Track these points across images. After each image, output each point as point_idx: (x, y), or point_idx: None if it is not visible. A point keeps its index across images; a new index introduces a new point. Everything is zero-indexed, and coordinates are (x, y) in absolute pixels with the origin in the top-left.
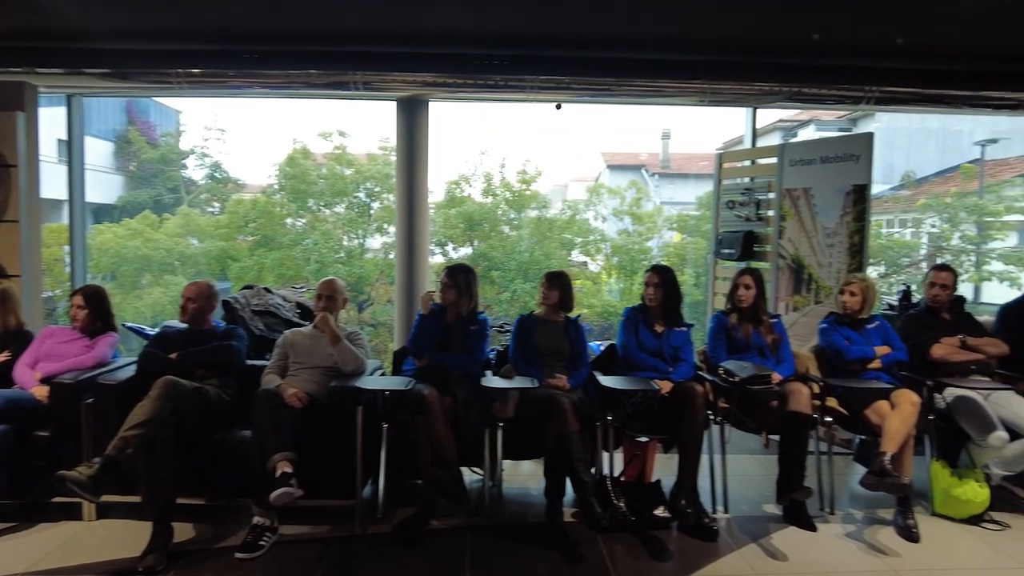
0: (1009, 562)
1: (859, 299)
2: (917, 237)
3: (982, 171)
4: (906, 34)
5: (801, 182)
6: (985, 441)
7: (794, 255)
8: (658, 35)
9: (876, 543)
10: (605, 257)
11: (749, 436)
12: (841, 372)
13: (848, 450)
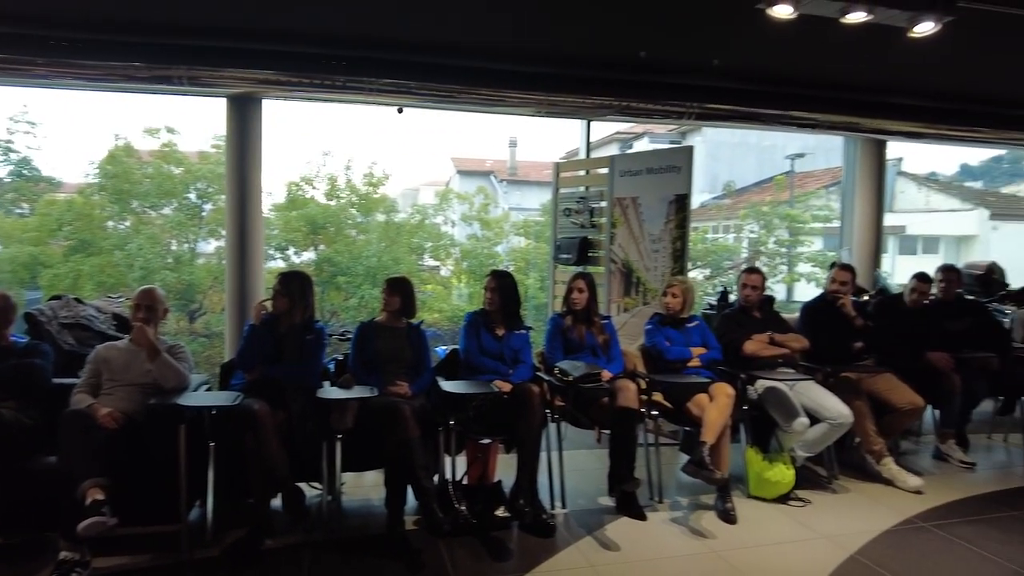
0: (810, 533)
1: (680, 300)
2: (739, 242)
3: (792, 182)
4: (722, 56)
5: (630, 191)
6: (790, 427)
7: (624, 260)
8: (499, 46)
9: (699, 527)
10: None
11: (585, 432)
12: (665, 368)
13: (675, 441)
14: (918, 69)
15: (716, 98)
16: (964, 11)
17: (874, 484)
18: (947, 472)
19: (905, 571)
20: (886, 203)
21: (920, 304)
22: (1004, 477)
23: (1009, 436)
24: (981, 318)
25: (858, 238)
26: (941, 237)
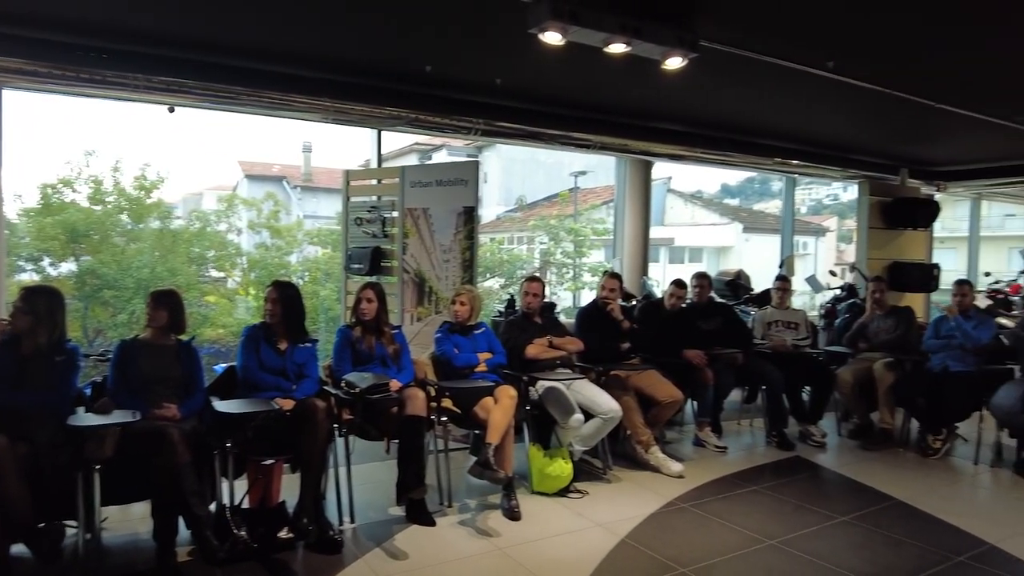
0: (586, 523)
1: (468, 308)
2: (531, 252)
3: (576, 197)
4: (504, 76)
5: (421, 202)
6: (567, 423)
7: (417, 270)
8: (287, 49)
9: (486, 527)
10: (243, 272)
11: (376, 444)
12: (454, 375)
13: (467, 445)
14: (678, 99)
15: (502, 116)
16: (707, 51)
17: (643, 472)
18: (705, 456)
19: (666, 548)
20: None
21: (678, 307)
22: (750, 457)
23: (754, 421)
24: (729, 318)
25: (628, 249)
26: (704, 248)
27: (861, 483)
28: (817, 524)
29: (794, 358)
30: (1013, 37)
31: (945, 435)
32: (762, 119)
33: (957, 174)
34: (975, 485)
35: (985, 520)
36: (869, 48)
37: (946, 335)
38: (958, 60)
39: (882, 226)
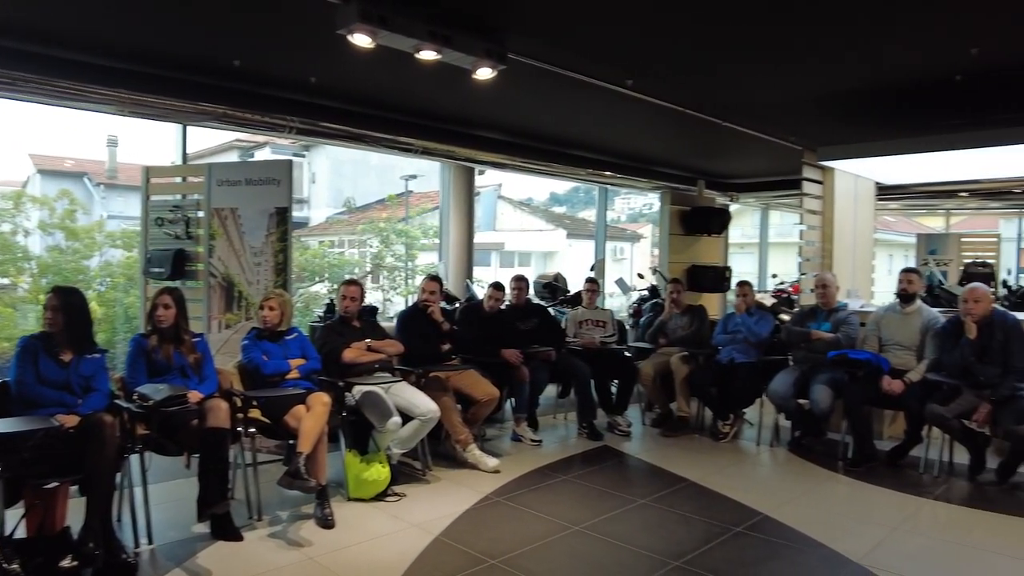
0: (402, 524)
1: (277, 313)
2: (362, 256)
3: (407, 201)
4: (319, 75)
5: (229, 202)
6: (384, 427)
7: (225, 273)
8: (81, 35)
9: (298, 538)
10: (33, 278)
11: (175, 460)
12: (264, 383)
13: (280, 456)
14: (498, 108)
15: (324, 116)
16: (516, 63)
17: (462, 470)
18: (521, 451)
19: (478, 542)
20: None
21: (496, 309)
22: (562, 449)
23: (568, 415)
24: (544, 319)
25: (453, 253)
26: (533, 252)
27: (660, 467)
28: (619, 508)
29: (602, 354)
30: (787, 66)
31: (733, 420)
32: (575, 132)
33: (748, 186)
34: (756, 463)
35: (762, 493)
36: (664, 70)
37: (733, 330)
38: (742, 85)
39: (682, 232)
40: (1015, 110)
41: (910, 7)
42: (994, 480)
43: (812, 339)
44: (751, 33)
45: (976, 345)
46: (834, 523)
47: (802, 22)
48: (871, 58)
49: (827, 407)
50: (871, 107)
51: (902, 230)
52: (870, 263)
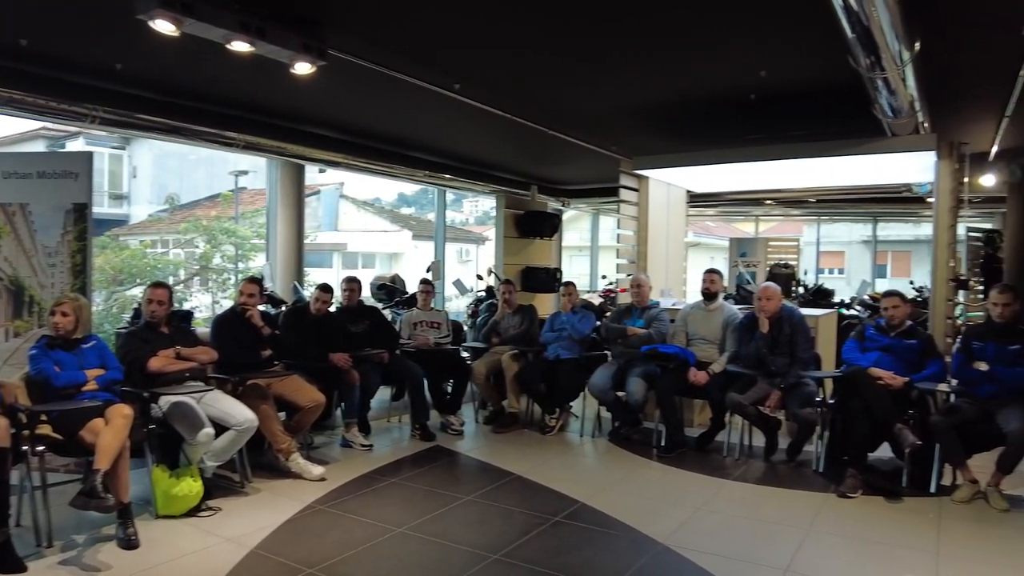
0: (215, 539)
1: (71, 319)
2: (190, 257)
3: (237, 199)
4: (126, 63)
5: (17, 197)
6: (195, 439)
7: (13, 276)
8: None
9: (95, 562)
10: None
11: None
12: (56, 396)
13: (79, 475)
14: (329, 105)
15: (136, 106)
16: (339, 61)
17: (285, 480)
18: (351, 456)
19: (296, 552)
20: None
21: (324, 311)
22: (394, 452)
23: (402, 417)
24: (377, 320)
25: (282, 254)
26: (377, 254)
27: (489, 464)
28: (444, 507)
29: (436, 355)
30: (606, 79)
31: (559, 414)
32: (412, 133)
33: (579, 192)
34: (579, 454)
35: (581, 483)
36: (490, 77)
37: (559, 328)
38: (565, 96)
39: (516, 235)
40: (802, 127)
41: (708, 32)
42: (785, 459)
43: (628, 335)
44: (573, 46)
45: (768, 338)
46: (645, 507)
47: (618, 36)
48: (678, 75)
49: (641, 398)
50: (680, 121)
51: (721, 234)
52: (682, 264)
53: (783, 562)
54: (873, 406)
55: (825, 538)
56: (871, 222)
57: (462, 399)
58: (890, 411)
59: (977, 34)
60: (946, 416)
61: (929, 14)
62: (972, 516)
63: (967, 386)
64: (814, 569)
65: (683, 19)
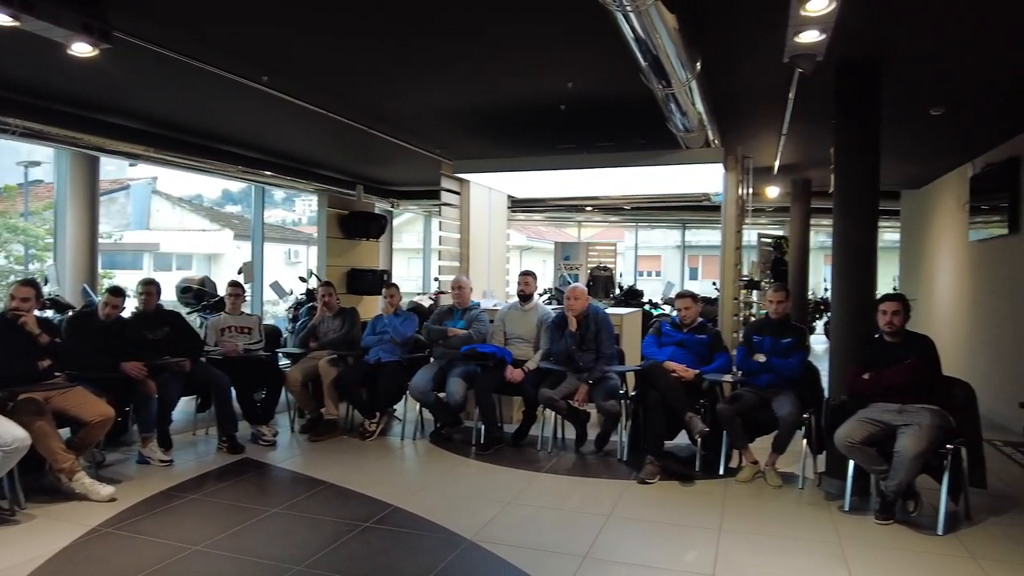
0: None
1: None
2: None
3: (27, 192)
4: None
5: None
6: None
7: None
8: None
9: None
10: None
11: None
12: None
13: None
14: (127, 92)
15: None
16: (131, 45)
17: (68, 503)
18: (148, 473)
19: None
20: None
21: (115, 316)
22: (197, 466)
23: (209, 429)
24: (177, 326)
25: (71, 254)
26: (194, 255)
27: (301, 473)
28: (248, 521)
29: (246, 362)
30: (427, 81)
31: (379, 418)
32: (223, 126)
33: (409, 194)
34: (398, 458)
35: (396, 486)
36: (301, 71)
37: (381, 331)
38: (386, 96)
39: (341, 236)
40: (610, 138)
41: (514, 41)
42: (593, 450)
43: (448, 336)
44: (384, 45)
45: (576, 336)
46: (457, 505)
47: (429, 37)
48: (490, 82)
49: (461, 398)
50: (498, 128)
51: (553, 239)
52: (504, 266)
53: (583, 549)
54: (667, 397)
55: (624, 523)
56: (680, 228)
57: (275, 408)
58: (682, 401)
59: (750, 60)
60: (730, 404)
61: (708, 42)
62: (752, 494)
63: (748, 376)
64: (610, 553)
65: (485, 24)
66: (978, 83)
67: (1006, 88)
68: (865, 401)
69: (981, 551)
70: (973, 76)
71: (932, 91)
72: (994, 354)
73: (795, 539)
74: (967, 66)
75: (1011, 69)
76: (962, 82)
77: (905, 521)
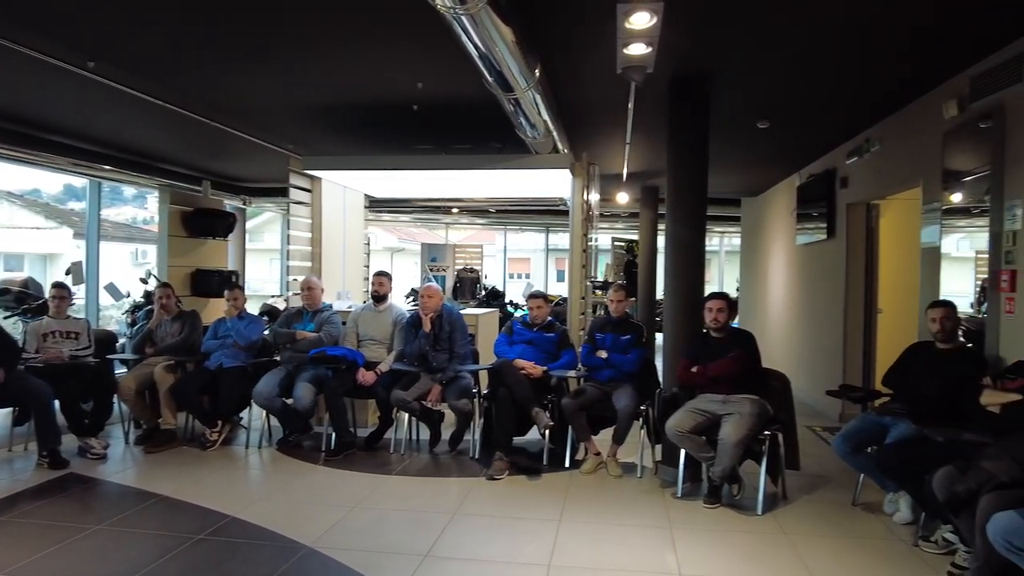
0: None
1: None
2: None
3: None
4: None
5: None
6: None
7: None
8: None
9: None
10: None
11: None
12: None
13: None
14: None
15: None
16: None
17: None
18: None
19: None
20: None
21: None
22: (11, 485)
23: (29, 444)
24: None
25: None
26: (27, 254)
27: (132, 487)
28: (67, 540)
29: (73, 369)
30: (271, 70)
31: (221, 427)
32: (50, 114)
33: (264, 191)
34: (241, 467)
35: (235, 497)
36: (132, 58)
37: (223, 335)
38: (229, 86)
39: (185, 235)
40: (468, 141)
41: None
42: (448, 450)
43: (297, 339)
44: (227, 35)
45: (430, 336)
46: (299, 513)
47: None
48: (343, 80)
49: (309, 403)
50: (352, 126)
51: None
52: (362, 267)
53: (425, 548)
54: (515, 393)
55: (469, 520)
56: (545, 232)
57: (106, 418)
58: (528, 397)
59: (590, 71)
60: (574, 399)
61: (548, 51)
62: (594, 484)
63: (592, 372)
64: (451, 550)
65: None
66: (798, 99)
67: (824, 105)
68: (694, 392)
69: (792, 527)
70: (793, 93)
71: (757, 106)
72: (815, 346)
73: (630, 526)
74: (788, 84)
75: (827, 87)
76: (784, 98)
77: (731, 504)
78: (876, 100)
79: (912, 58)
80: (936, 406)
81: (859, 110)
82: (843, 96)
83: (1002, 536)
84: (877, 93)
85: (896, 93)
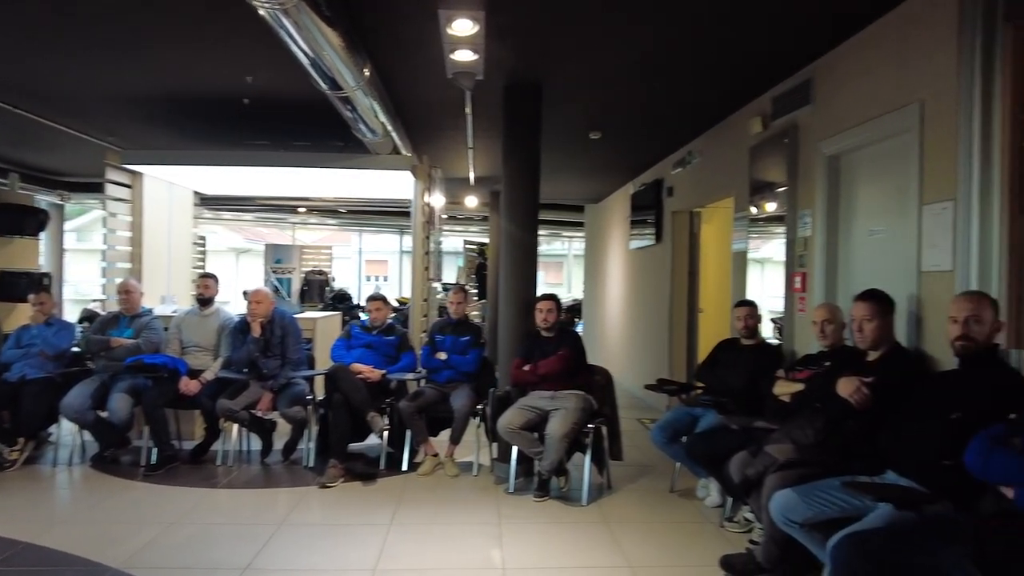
0: None
1: None
2: None
3: None
4: None
5: None
6: None
7: None
8: None
9: None
10: None
11: None
12: None
13: None
14: None
15: None
16: None
17: None
18: None
19: None
20: None
21: None
22: None
23: None
24: None
25: None
26: None
27: None
28: None
29: None
30: (87, 55)
31: (23, 444)
32: None
33: (83, 185)
34: (47, 488)
35: (35, 521)
36: None
37: (27, 344)
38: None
39: None
40: (308, 138)
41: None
42: (281, 459)
43: (112, 346)
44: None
45: (260, 341)
46: (109, 533)
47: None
48: (162, 70)
49: (126, 415)
50: (177, 118)
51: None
52: (189, 268)
53: (245, 561)
54: (350, 398)
55: (295, 530)
56: (399, 234)
57: None
58: (363, 401)
59: (423, 74)
60: (411, 401)
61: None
62: (430, 486)
63: (431, 373)
64: (273, 561)
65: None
66: (626, 112)
67: (650, 118)
68: (526, 390)
69: (613, 515)
70: (621, 106)
71: (588, 116)
72: (645, 343)
73: (460, 524)
74: (616, 97)
75: (653, 102)
76: (613, 110)
77: (559, 496)
78: (696, 115)
79: (723, 78)
80: (739, 397)
81: (681, 124)
82: (667, 110)
83: (781, 512)
84: (697, 109)
85: (713, 108)
